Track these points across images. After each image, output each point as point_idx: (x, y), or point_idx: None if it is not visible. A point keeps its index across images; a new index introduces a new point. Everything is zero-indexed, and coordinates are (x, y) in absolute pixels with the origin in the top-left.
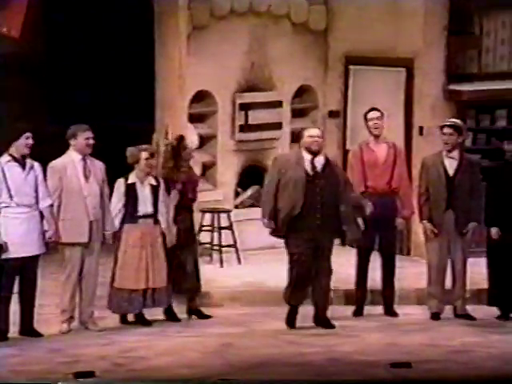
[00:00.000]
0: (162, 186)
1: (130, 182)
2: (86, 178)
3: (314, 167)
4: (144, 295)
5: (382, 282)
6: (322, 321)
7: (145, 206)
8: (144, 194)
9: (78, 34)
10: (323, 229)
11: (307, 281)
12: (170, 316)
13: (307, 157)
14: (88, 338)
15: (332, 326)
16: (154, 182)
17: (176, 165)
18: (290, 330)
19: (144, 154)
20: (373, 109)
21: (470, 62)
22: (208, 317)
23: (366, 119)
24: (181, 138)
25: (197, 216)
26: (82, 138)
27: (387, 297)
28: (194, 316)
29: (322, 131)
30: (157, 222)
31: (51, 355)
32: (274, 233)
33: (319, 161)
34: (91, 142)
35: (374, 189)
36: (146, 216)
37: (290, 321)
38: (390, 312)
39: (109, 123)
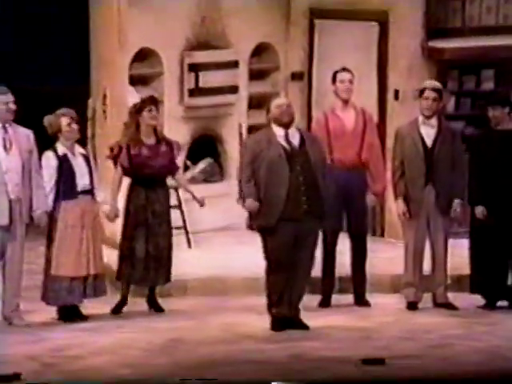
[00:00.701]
0: (91, 155)
1: (60, 153)
2: (6, 149)
3: (289, 143)
4: (84, 282)
5: (352, 268)
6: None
7: (82, 179)
8: (79, 166)
9: None
10: (310, 215)
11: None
12: (155, 306)
13: (280, 132)
14: (13, 334)
15: (305, 327)
16: (83, 151)
17: (135, 135)
18: (245, 322)
19: (64, 120)
20: (343, 69)
21: (452, 14)
22: (162, 310)
23: (334, 81)
24: (145, 100)
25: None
26: (1, 102)
27: (358, 284)
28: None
29: (290, 100)
30: (94, 197)
31: None
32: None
33: (294, 135)
34: (11, 106)
35: (341, 161)
36: (84, 191)
37: (278, 326)
38: (361, 301)
39: (35, 86)
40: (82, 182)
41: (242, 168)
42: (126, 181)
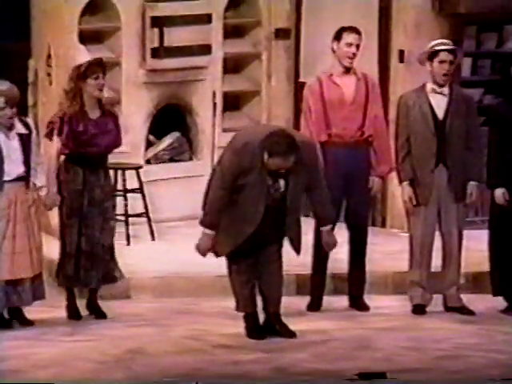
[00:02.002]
0: (34, 132)
1: None
2: None
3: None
4: (14, 287)
5: (349, 265)
6: (275, 325)
7: (13, 165)
8: (11, 151)
9: None
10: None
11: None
12: (95, 311)
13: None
14: None
15: (292, 334)
16: (22, 130)
17: (76, 104)
18: (221, 330)
19: (10, 93)
20: (351, 28)
21: None
22: (103, 315)
23: (338, 40)
24: (85, 66)
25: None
26: None
27: (355, 284)
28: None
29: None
30: (29, 184)
31: None
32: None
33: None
34: None
35: (341, 137)
36: (15, 179)
37: (253, 330)
38: (358, 304)
39: None
40: (14, 169)
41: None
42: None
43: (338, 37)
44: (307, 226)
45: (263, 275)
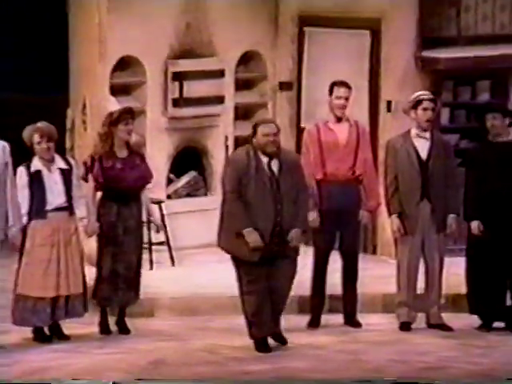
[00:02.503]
0: (76, 168)
1: (33, 169)
2: None
3: (271, 171)
4: (54, 304)
5: (343, 287)
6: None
7: (55, 197)
8: (53, 183)
9: None
10: (281, 238)
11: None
12: (122, 327)
13: (264, 159)
14: None
15: (284, 341)
16: (64, 165)
17: (108, 146)
18: (232, 342)
19: (36, 137)
20: (341, 83)
21: (447, 23)
22: (128, 331)
23: (330, 93)
24: (117, 114)
25: None
26: None
27: (348, 304)
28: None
29: (277, 128)
30: (72, 214)
31: None
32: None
33: (275, 162)
34: None
35: (335, 176)
36: (57, 209)
37: (264, 346)
38: (351, 322)
39: (13, 95)
40: (55, 200)
41: (228, 184)
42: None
43: (330, 90)
44: (307, 256)
45: (268, 299)
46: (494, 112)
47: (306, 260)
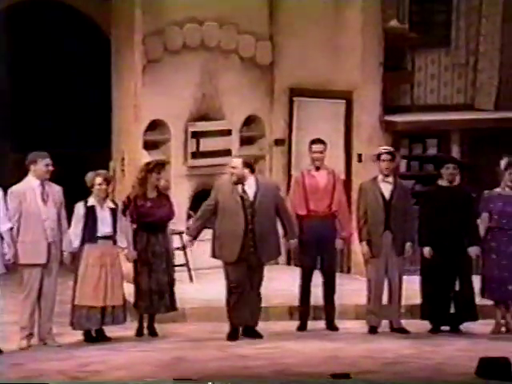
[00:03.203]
0: (120, 208)
1: (89, 204)
2: (44, 201)
3: (245, 193)
4: (103, 312)
5: (324, 299)
6: (253, 331)
7: (104, 227)
8: (103, 217)
9: (39, 66)
10: (258, 252)
11: (246, 303)
12: (152, 331)
13: (237, 186)
14: (47, 353)
15: (260, 336)
16: (112, 205)
17: (142, 189)
18: (236, 343)
19: (98, 180)
20: (317, 140)
21: (403, 95)
22: (156, 334)
23: (310, 148)
24: (152, 165)
25: None
26: (41, 164)
27: (328, 312)
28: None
29: (239, 162)
30: (116, 242)
31: (12, 369)
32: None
33: (251, 186)
34: (50, 168)
35: (316, 212)
36: (105, 237)
37: (234, 335)
38: (331, 326)
39: (68, 150)
40: (104, 229)
41: (205, 203)
42: None
43: (309, 146)
44: (295, 274)
45: (250, 301)
46: (455, 164)
47: (294, 278)
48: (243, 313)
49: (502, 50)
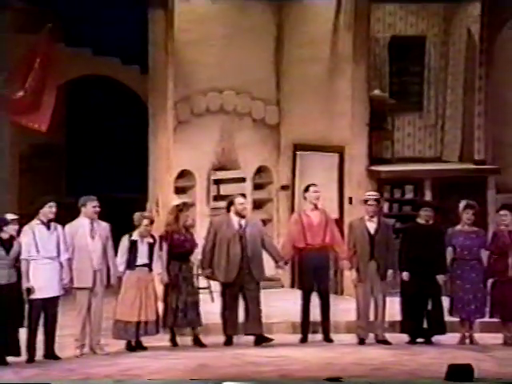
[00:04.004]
0: (158, 242)
1: (133, 238)
2: (92, 237)
3: (240, 226)
4: (137, 326)
5: (321, 316)
6: (262, 338)
7: (142, 258)
8: (143, 249)
9: (91, 127)
10: (250, 274)
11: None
12: (197, 341)
13: (235, 219)
14: (96, 360)
15: (271, 339)
16: (151, 240)
17: (176, 224)
18: (249, 352)
19: (145, 221)
20: (313, 184)
21: (385, 149)
22: (202, 345)
23: (307, 191)
24: (181, 206)
25: None
26: (90, 206)
27: (325, 327)
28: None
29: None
30: (151, 270)
31: (67, 374)
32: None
33: (242, 221)
34: (97, 209)
35: (312, 245)
36: (142, 265)
37: (229, 343)
38: (327, 339)
39: (113, 194)
40: (142, 260)
41: (206, 240)
42: None
43: (306, 189)
44: (297, 296)
45: (250, 317)
46: (431, 207)
47: (297, 298)
48: (236, 324)
49: (463, 114)
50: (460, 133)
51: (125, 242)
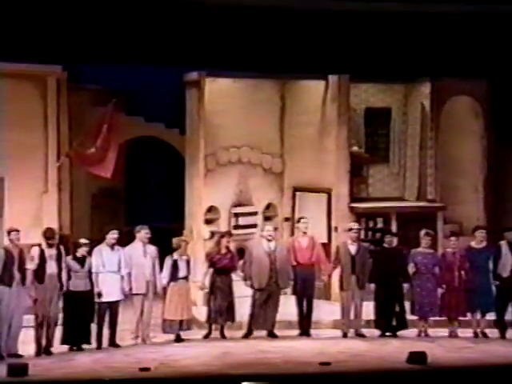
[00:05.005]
0: (192, 260)
1: (174, 258)
2: (145, 257)
3: (269, 248)
4: (180, 323)
5: (305, 316)
6: (273, 334)
7: (181, 272)
8: (182, 265)
9: (142, 175)
10: (276, 283)
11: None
12: (272, 335)
13: (265, 243)
14: (146, 348)
15: (277, 336)
16: (187, 258)
17: (218, 247)
18: (259, 343)
19: (183, 244)
20: (302, 217)
21: (361, 191)
22: (224, 337)
23: (298, 223)
24: (225, 233)
25: None
26: (143, 233)
27: (307, 324)
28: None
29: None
30: (188, 281)
31: (125, 358)
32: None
33: (271, 245)
34: (148, 235)
35: (301, 264)
36: (182, 278)
37: (248, 336)
38: (307, 333)
39: (159, 224)
40: (182, 273)
41: (244, 259)
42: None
43: (298, 221)
44: (292, 302)
45: (269, 316)
46: (391, 234)
47: (292, 303)
48: (261, 322)
49: (419, 166)
50: (417, 179)
51: (168, 261)
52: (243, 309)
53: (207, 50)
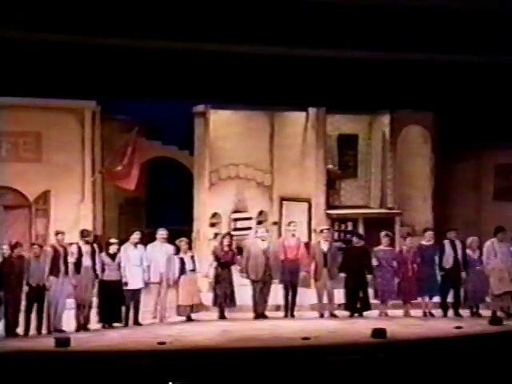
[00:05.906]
0: (196, 256)
1: (180, 256)
2: (160, 253)
3: (264, 246)
4: (191, 307)
5: (291, 301)
6: (264, 315)
7: (188, 266)
8: (188, 261)
9: (159, 187)
10: (270, 275)
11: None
12: (263, 316)
13: (260, 242)
14: (162, 326)
15: (267, 317)
16: (192, 254)
17: (221, 245)
18: (253, 322)
19: (183, 244)
20: (292, 222)
21: (336, 200)
22: (225, 318)
23: (288, 226)
24: (226, 234)
25: None
26: (160, 234)
27: (292, 307)
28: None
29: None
30: (195, 273)
31: (146, 334)
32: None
33: (266, 244)
34: (165, 236)
35: (289, 259)
36: (190, 270)
37: (258, 317)
38: (292, 314)
39: (173, 227)
40: (188, 267)
41: (243, 256)
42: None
43: (288, 224)
44: (279, 289)
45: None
46: (358, 235)
47: (279, 290)
48: (260, 306)
49: (381, 180)
50: (379, 191)
51: (176, 259)
52: (241, 295)
53: (211, 88)
